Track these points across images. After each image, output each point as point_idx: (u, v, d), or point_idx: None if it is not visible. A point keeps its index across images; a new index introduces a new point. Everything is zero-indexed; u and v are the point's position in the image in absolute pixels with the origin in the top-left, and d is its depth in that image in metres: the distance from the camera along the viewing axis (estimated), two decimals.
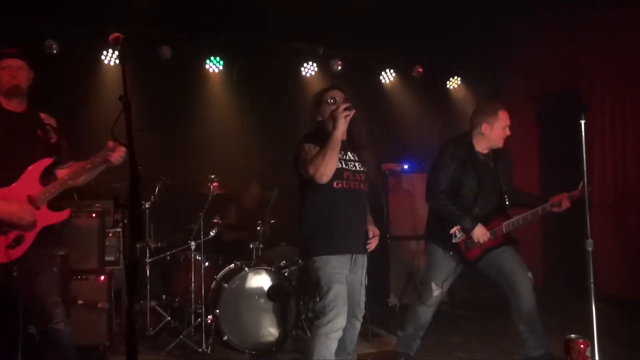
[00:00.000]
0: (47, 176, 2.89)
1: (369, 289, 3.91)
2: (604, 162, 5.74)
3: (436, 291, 3.71)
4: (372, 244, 3.44)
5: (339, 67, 6.33)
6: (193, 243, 4.51)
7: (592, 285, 2.65)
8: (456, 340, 4.67)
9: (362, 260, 3.43)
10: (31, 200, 2.80)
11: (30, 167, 2.82)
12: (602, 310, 5.37)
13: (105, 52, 5.62)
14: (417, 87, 6.71)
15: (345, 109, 3.14)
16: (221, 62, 6.02)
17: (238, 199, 5.67)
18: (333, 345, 3.13)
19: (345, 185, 3.24)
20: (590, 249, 2.71)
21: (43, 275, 2.84)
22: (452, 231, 3.67)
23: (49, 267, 2.90)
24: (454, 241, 3.67)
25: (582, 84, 5.98)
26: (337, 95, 3.35)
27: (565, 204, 3.57)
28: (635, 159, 5.46)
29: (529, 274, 3.66)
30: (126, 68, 2.13)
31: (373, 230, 3.48)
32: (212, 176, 4.57)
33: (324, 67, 6.39)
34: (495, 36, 6.41)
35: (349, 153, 3.34)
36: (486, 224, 3.66)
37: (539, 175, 6.69)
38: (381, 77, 6.76)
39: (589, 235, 2.74)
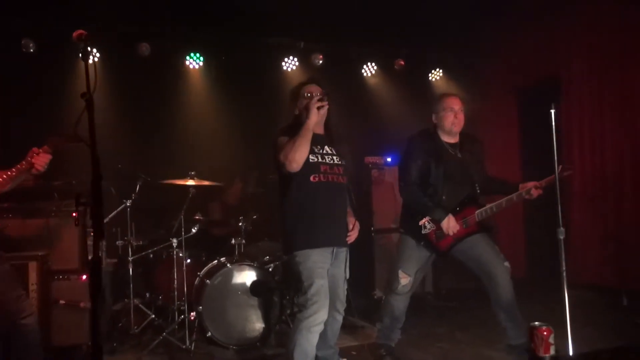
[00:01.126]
0: None
1: (355, 282, 3.95)
2: (583, 151, 5.80)
3: (403, 279, 3.74)
4: (352, 236, 3.45)
5: (320, 61, 6.32)
6: (174, 240, 4.51)
7: (564, 274, 2.69)
8: (441, 330, 4.71)
9: (344, 254, 3.45)
10: None
11: None
12: (582, 297, 5.52)
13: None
14: (399, 80, 6.71)
15: (319, 101, 3.15)
16: (201, 58, 5.99)
17: (222, 196, 5.67)
18: (314, 338, 3.16)
19: (322, 179, 3.26)
20: (562, 237, 2.74)
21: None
22: (421, 222, 3.71)
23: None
24: (423, 232, 3.71)
25: (560, 75, 6.03)
26: (314, 89, 3.38)
27: (536, 192, 3.59)
28: (612, 148, 5.51)
29: (506, 264, 3.69)
30: (89, 65, 2.06)
31: (352, 222, 3.50)
32: (192, 173, 4.56)
33: (305, 62, 6.37)
34: (476, 27, 6.44)
35: (326, 147, 3.36)
36: (457, 214, 3.69)
37: (520, 165, 6.75)
38: (363, 71, 6.75)
39: (561, 223, 2.77)
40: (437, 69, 7.01)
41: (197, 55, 5.97)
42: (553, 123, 2.79)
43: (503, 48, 6.63)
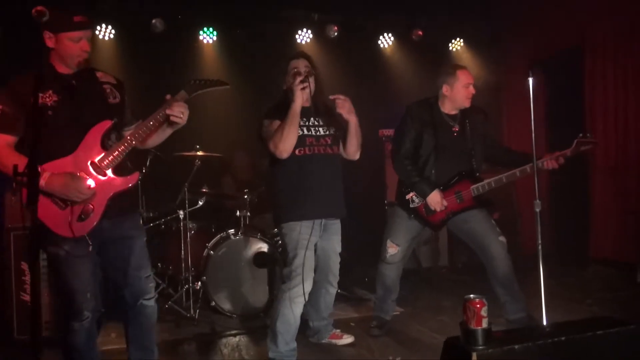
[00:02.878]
0: (110, 140, 2.65)
1: (367, 255, 3.97)
2: (606, 124, 5.56)
3: (391, 248, 3.74)
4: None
5: (335, 33, 6.24)
6: (181, 212, 4.62)
7: (539, 247, 2.63)
8: (446, 304, 4.68)
9: (336, 226, 3.48)
10: (94, 167, 2.56)
11: (89, 132, 2.57)
12: (599, 273, 5.37)
13: (98, 27, 5.68)
14: (417, 51, 6.56)
15: (301, 82, 3.13)
16: (215, 33, 6.02)
17: (234, 169, 5.75)
18: (298, 309, 3.21)
19: (308, 152, 3.27)
20: (538, 209, 2.67)
21: (132, 247, 2.70)
22: (408, 197, 3.70)
23: (137, 236, 2.75)
24: (411, 206, 3.68)
25: (584, 44, 5.77)
26: (300, 64, 3.36)
27: (551, 164, 3.49)
28: (637, 120, 5.27)
29: (501, 238, 3.64)
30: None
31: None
32: (197, 146, 4.64)
33: (319, 34, 6.31)
34: None
35: (312, 119, 3.36)
36: (449, 187, 3.64)
37: (546, 137, 6.53)
38: (379, 42, 6.63)
39: (537, 196, 2.69)
40: (458, 39, 6.81)
41: (211, 29, 6.00)
42: (531, 92, 2.69)
43: (526, 16, 6.37)
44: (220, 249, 4.43)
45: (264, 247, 4.48)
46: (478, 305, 1.75)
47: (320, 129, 3.38)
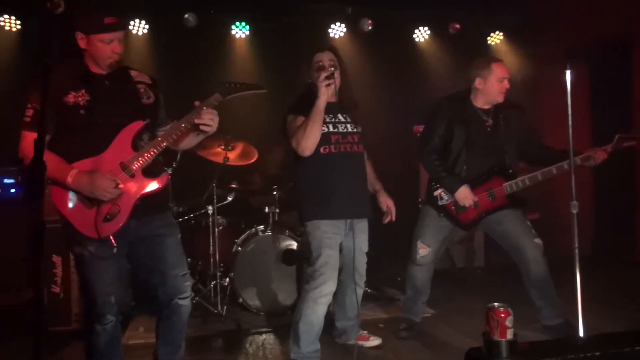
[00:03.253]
0: (142, 140, 2.61)
1: (400, 253, 3.87)
2: None
3: (422, 250, 3.61)
4: (388, 219, 3.44)
5: (369, 27, 6.11)
6: (210, 208, 4.60)
7: (576, 251, 2.47)
8: (479, 307, 4.45)
9: (362, 225, 3.38)
10: (123, 167, 2.51)
11: (120, 132, 2.54)
12: None
13: (132, 22, 5.71)
14: (454, 45, 6.36)
15: (326, 78, 3.04)
16: (247, 27, 5.98)
17: (263, 165, 5.70)
18: (321, 310, 3.12)
19: (333, 150, 3.18)
20: (575, 211, 2.51)
21: (165, 245, 2.65)
22: (436, 193, 3.56)
23: (170, 234, 2.70)
24: (440, 203, 3.55)
25: (631, 35, 5.48)
26: (325, 57, 3.26)
27: (589, 161, 3.32)
28: None
29: (537, 240, 3.47)
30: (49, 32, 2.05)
31: (386, 202, 3.42)
32: (228, 136, 4.61)
33: (353, 28, 6.19)
34: None
35: (339, 115, 3.27)
36: (480, 184, 3.49)
37: (590, 133, 6.25)
38: (415, 36, 6.46)
39: (574, 196, 2.53)
40: (497, 32, 6.58)
41: (243, 24, 5.96)
42: (568, 85, 2.52)
43: (568, 6, 6.08)
44: (249, 246, 4.39)
45: (293, 244, 4.42)
46: (502, 315, 1.64)
47: (348, 125, 3.28)
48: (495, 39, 6.62)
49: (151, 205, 2.61)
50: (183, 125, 2.55)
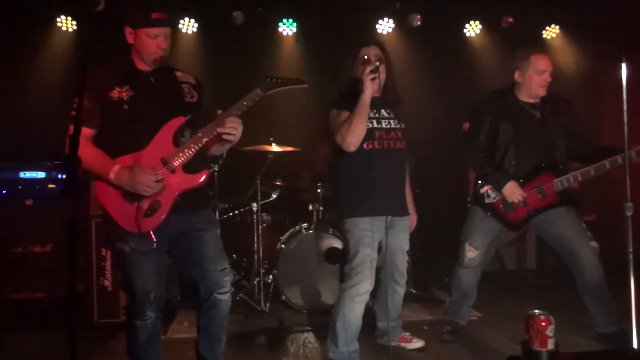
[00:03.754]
0: (184, 137, 2.62)
1: (449, 254, 3.79)
2: None
3: (469, 252, 3.49)
4: (412, 223, 3.44)
5: (418, 22, 5.97)
6: (254, 205, 4.61)
7: (631, 256, 2.31)
8: (528, 311, 4.34)
9: (402, 224, 3.31)
10: (164, 163, 2.53)
11: (162, 128, 2.57)
12: None
13: (182, 21, 5.80)
14: (507, 39, 6.10)
15: (371, 72, 2.98)
16: (294, 24, 5.97)
17: (311, 163, 5.68)
18: (358, 308, 3.07)
19: (377, 146, 3.12)
20: (629, 213, 2.35)
21: (204, 240, 2.66)
22: (483, 190, 3.43)
23: (209, 229, 2.71)
24: (487, 201, 3.42)
25: None
26: (371, 52, 3.20)
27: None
28: None
29: (592, 243, 3.29)
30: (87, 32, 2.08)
31: (411, 216, 3.41)
32: (271, 139, 4.62)
33: (401, 23, 6.06)
34: None
35: (382, 110, 3.20)
36: (529, 180, 3.35)
37: None
38: (465, 30, 6.25)
39: (629, 197, 2.37)
40: (553, 25, 6.30)
41: (290, 21, 5.95)
42: (624, 79, 2.37)
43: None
44: (292, 243, 4.39)
45: (336, 242, 4.38)
46: (543, 324, 1.55)
47: (391, 121, 3.22)
48: (551, 32, 6.34)
49: (192, 202, 2.62)
50: (214, 126, 2.54)
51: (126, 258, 2.55)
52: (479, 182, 3.52)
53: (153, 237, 2.52)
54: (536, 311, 1.61)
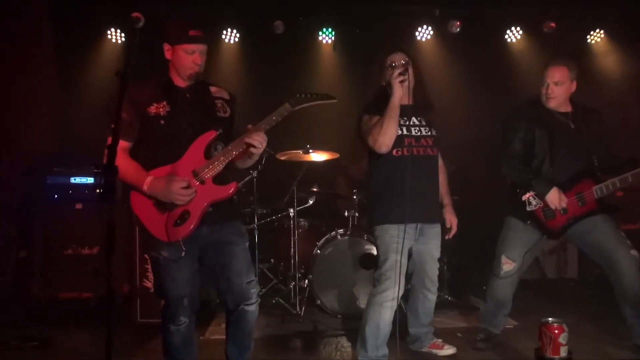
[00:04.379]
0: (216, 150, 2.74)
1: (486, 262, 3.78)
2: None
3: (506, 265, 3.45)
4: (448, 236, 3.45)
5: (458, 29, 5.95)
6: (291, 210, 4.71)
7: None
8: (568, 321, 4.22)
9: (433, 231, 3.34)
10: (195, 175, 2.65)
11: (195, 142, 2.68)
12: None
13: (224, 32, 5.98)
14: (550, 45, 6.01)
15: (400, 74, 3.03)
16: (333, 33, 6.05)
17: (348, 171, 5.75)
18: (387, 314, 3.12)
19: (406, 153, 3.16)
20: None
21: (233, 253, 2.75)
22: (524, 198, 3.38)
23: (239, 242, 2.79)
24: (528, 209, 3.38)
25: None
26: (398, 58, 3.26)
27: None
28: None
29: (633, 251, 3.23)
30: (131, 45, 2.21)
31: (450, 220, 3.45)
32: (308, 146, 4.71)
33: (440, 30, 6.06)
34: None
35: (413, 118, 3.24)
36: (569, 188, 3.31)
37: None
38: (506, 36, 6.18)
39: None
40: (597, 30, 6.16)
41: (329, 30, 6.04)
42: None
43: None
44: (327, 249, 4.45)
45: (371, 248, 4.41)
46: (556, 331, 1.56)
47: (422, 129, 3.25)
48: (596, 37, 6.20)
49: (222, 213, 2.73)
50: (241, 140, 2.64)
51: (160, 265, 2.67)
52: (518, 190, 3.48)
53: (182, 246, 2.62)
54: (550, 319, 1.61)
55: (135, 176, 2.61)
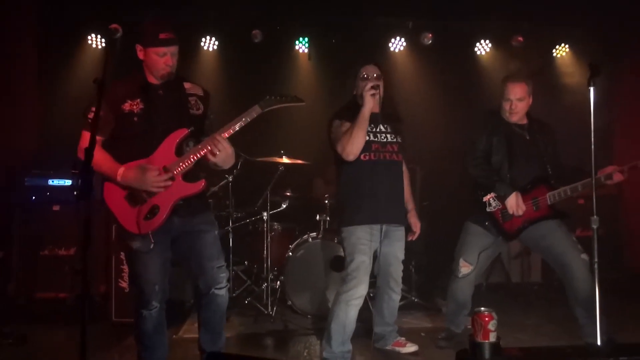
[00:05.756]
0: (188, 147, 2.84)
1: (452, 265, 3.96)
2: None
3: (464, 267, 3.64)
4: (410, 238, 3.63)
5: (430, 41, 6.18)
6: (265, 214, 4.86)
7: (596, 265, 2.47)
8: (529, 322, 4.50)
9: (398, 233, 3.51)
10: (166, 171, 2.76)
11: (166, 139, 2.79)
12: None
13: (203, 39, 6.12)
14: (517, 58, 6.27)
15: (372, 87, 3.21)
16: (308, 43, 6.21)
17: (324, 173, 5.90)
18: (352, 312, 3.28)
19: (373, 157, 3.34)
20: (595, 226, 2.51)
21: (203, 239, 2.89)
22: (486, 199, 3.57)
23: (209, 230, 2.94)
24: (488, 210, 3.57)
25: None
26: (371, 70, 3.44)
27: (618, 177, 3.31)
28: None
29: (583, 255, 3.43)
30: (109, 52, 2.33)
31: (415, 224, 3.63)
32: (282, 151, 4.86)
33: (413, 42, 6.27)
34: None
35: (380, 125, 3.42)
36: (526, 193, 3.52)
37: None
38: (476, 49, 6.43)
39: (595, 211, 2.53)
40: (563, 44, 6.43)
41: (305, 39, 6.21)
42: (592, 103, 2.53)
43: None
44: (299, 251, 4.61)
45: (341, 251, 4.55)
46: (486, 319, 1.73)
47: (388, 135, 3.44)
48: (561, 51, 6.47)
49: (193, 206, 2.90)
50: (214, 138, 2.76)
51: (132, 255, 2.84)
52: (480, 192, 3.67)
53: (152, 238, 2.78)
54: (482, 308, 1.79)
55: (109, 167, 2.76)
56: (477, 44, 6.41)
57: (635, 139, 5.85)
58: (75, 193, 1.90)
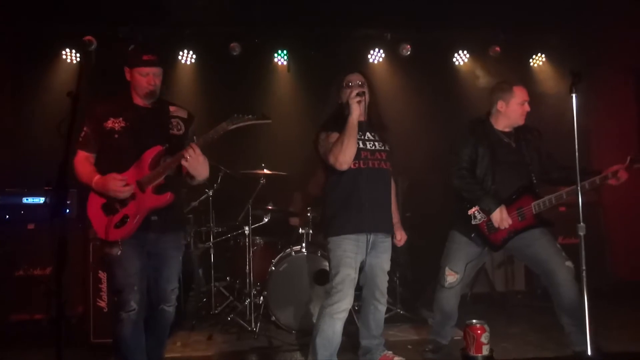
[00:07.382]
0: (162, 163, 2.97)
1: (437, 277, 3.93)
2: None
3: (450, 276, 3.61)
4: (400, 242, 3.59)
5: (408, 52, 6.20)
6: (246, 228, 4.78)
7: (584, 273, 2.45)
8: (514, 331, 4.47)
9: (385, 245, 3.45)
10: (139, 184, 2.94)
11: (143, 155, 2.96)
12: None
13: (181, 52, 6.06)
14: (495, 68, 6.32)
15: (358, 94, 3.18)
16: (287, 55, 6.19)
17: (306, 187, 5.85)
18: (337, 325, 3.21)
19: (362, 165, 3.30)
20: (582, 233, 2.49)
21: (167, 263, 3.08)
22: (470, 212, 3.55)
23: (175, 256, 3.13)
24: (473, 222, 3.55)
25: None
26: (355, 79, 3.41)
27: (622, 175, 3.33)
28: None
29: (568, 263, 3.42)
30: (84, 66, 2.31)
31: (400, 236, 3.58)
32: (263, 165, 4.81)
33: (391, 53, 6.29)
34: (586, 4, 5.87)
35: (367, 133, 3.39)
36: (511, 204, 3.51)
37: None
38: (454, 59, 6.48)
39: (581, 219, 2.51)
40: (539, 54, 6.51)
41: (285, 52, 6.19)
42: (575, 110, 2.53)
43: (618, 25, 5.95)
44: (282, 266, 4.53)
45: (325, 264, 4.51)
46: (479, 332, 1.68)
47: (376, 143, 3.40)
48: (538, 61, 6.55)
49: (167, 222, 3.04)
50: (179, 157, 2.90)
51: (108, 259, 2.97)
52: (466, 205, 3.64)
53: (120, 246, 2.93)
54: (474, 320, 1.74)
55: (88, 176, 2.98)
56: (455, 54, 6.46)
57: (611, 145, 5.91)
58: (49, 209, 1.82)
